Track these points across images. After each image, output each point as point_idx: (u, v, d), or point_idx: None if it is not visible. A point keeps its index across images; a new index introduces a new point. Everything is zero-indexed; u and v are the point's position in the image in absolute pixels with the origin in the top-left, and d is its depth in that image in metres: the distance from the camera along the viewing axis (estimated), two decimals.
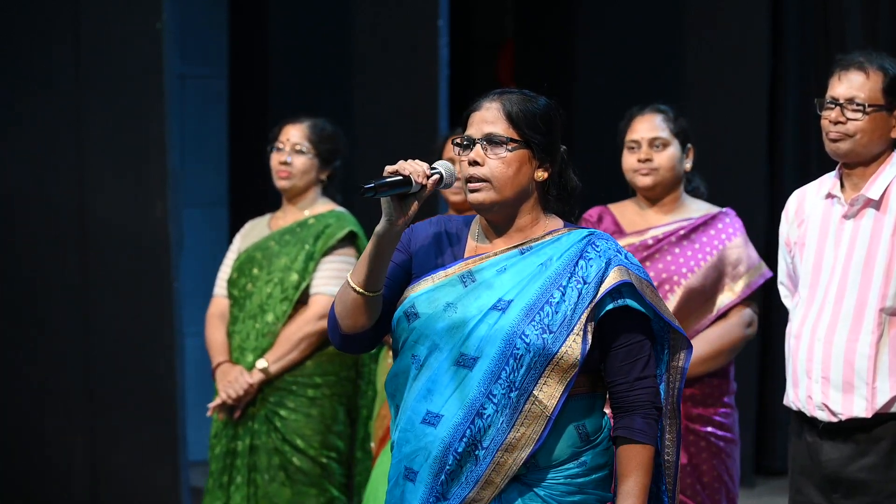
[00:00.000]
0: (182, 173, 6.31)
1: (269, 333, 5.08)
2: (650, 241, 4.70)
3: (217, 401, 5.08)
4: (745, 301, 4.69)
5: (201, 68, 8.09)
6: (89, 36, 6.24)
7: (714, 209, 4.77)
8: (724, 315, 4.69)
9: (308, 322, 5.04)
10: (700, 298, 4.65)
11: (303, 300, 5.11)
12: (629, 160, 4.74)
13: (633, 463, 3.10)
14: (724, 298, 4.68)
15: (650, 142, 4.70)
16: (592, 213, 4.85)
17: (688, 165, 4.76)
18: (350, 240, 5.12)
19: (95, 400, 6.37)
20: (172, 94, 6.11)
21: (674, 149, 4.71)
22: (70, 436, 6.43)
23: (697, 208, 4.76)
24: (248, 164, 7.93)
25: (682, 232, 4.70)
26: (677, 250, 4.69)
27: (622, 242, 4.67)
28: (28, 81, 6.35)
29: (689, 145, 4.76)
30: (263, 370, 5.04)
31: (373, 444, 5.12)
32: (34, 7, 6.32)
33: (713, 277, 4.67)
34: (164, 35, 6.00)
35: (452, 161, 4.98)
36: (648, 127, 4.72)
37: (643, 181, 4.72)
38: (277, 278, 5.09)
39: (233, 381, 5.05)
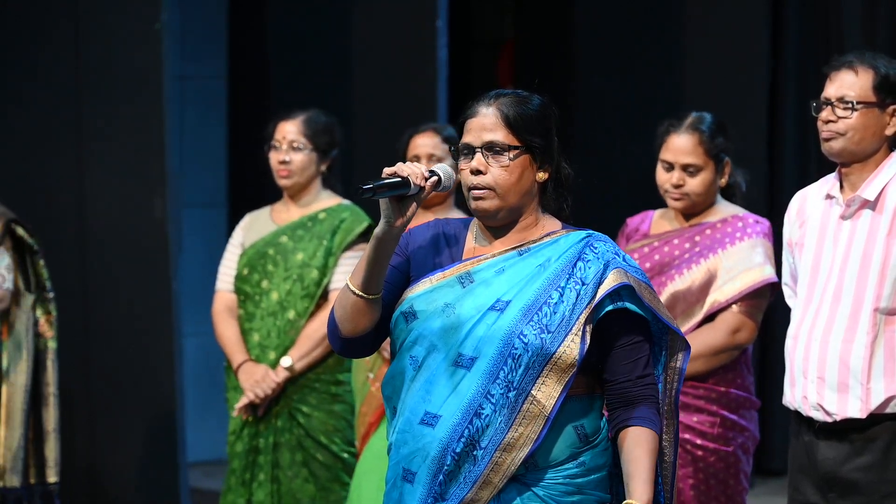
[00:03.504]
0: (181, 174, 6.33)
1: (291, 330, 5.10)
2: (656, 243, 4.66)
3: (244, 401, 5.09)
4: (738, 305, 4.55)
5: (201, 69, 8.10)
6: (89, 36, 6.25)
7: (732, 213, 4.64)
8: (712, 318, 4.56)
9: None
10: (685, 301, 4.56)
11: (323, 296, 5.13)
12: (662, 176, 4.62)
13: (643, 446, 3.07)
14: (712, 299, 4.55)
15: (683, 167, 4.58)
16: (637, 217, 4.80)
17: (723, 181, 4.63)
18: (368, 234, 5.13)
19: (95, 400, 6.37)
20: (171, 94, 6.12)
21: (708, 173, 4.58)
22: (70, 435, 6.43)
23: (722, 211, 4.65)
24: (246, 165, 7.93)
25: (686, 234, 4.63)
26: (676, 252, 4.62)
27: (639, 245, 4.65)
28: (28, 81, 6.36)
29: (727, 159, 4.62)
30: (289, 368, 5.06)
31: (356, 442, 5.12)
32: (34, 7, 6.33)
33: (702, 281, 4.57)
34: (163, 35, 6.01)
35: (418, 158, 5.02)
36: (684, 150, 4.57)
37: (673, 205, 4.63)
38: (296, 275, 5.10)
39: (260, 381, 5.07)
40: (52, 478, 5.08)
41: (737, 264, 4.56)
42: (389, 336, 3.24)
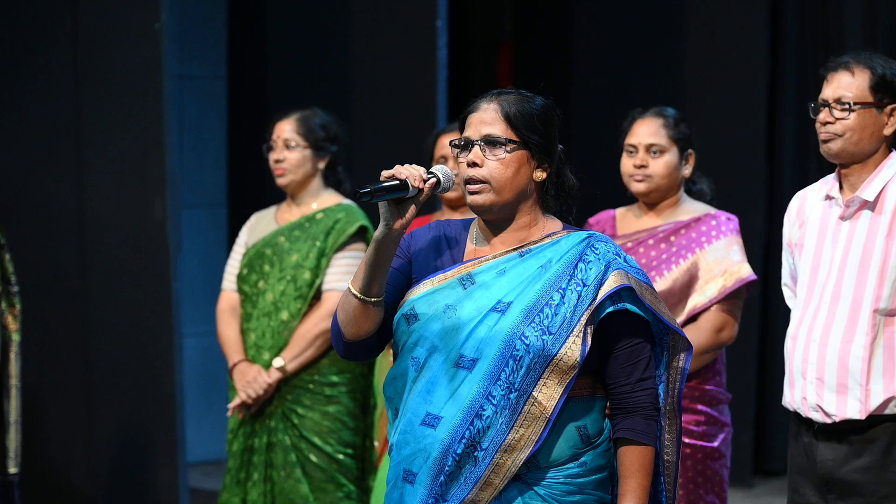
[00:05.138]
0: (181, 174, 6.32)
1: (284, 331, 5.12)
2: (630, 245, 4.68)
3: (237, 401, 5.14)
4: (719, 305, 4.59)
5: (200, 69, 8.10)
6: (88, 36, 6.25)
7: (704, 211, 4.69)
8: (694, 318, 4.59)
9: (322, 319, 5.08)
10: (667, 303, 4.54)
11: (316, 297, 5.15)
12: (626, 163, 4.70)
13: (636, 464, 3.11)
14: (694, 301, 4.60)
15: (647, 147, 4.65)
16: (599, 215, 4.84)
17: (686, 171, 4.70)
18: (361, 235, 5.16)
19: (95, 400, 6.37)
20: (171, 94, 6.11)
21: (670, 156, 4.66)
22: (70, 436, 6.43)
23: (692, 210, 4.71)
24: (246, 165, 7.94)
25: (660, 234, 4.66)
26: (653, 253, 4.65)
27: None
28: (27, 82, 6.36)
29: (690, 151, 4.69)
30: (280, 369, 5.09)
31: (377, 443, 5.12)
32: (33, 7, 6.33)
33: (683, 281, 4.61)
34: (162, 35, 6.01)
35: (446, 159, 5.00)
36: (647, 132, 4.67)
37: (636, 187, 4.69)
38: (290, 276, 5.12)
39: (252, 381, 5.10)
40: (12, 468, 5.10)
41: (716, 263, 4.60)
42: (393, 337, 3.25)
